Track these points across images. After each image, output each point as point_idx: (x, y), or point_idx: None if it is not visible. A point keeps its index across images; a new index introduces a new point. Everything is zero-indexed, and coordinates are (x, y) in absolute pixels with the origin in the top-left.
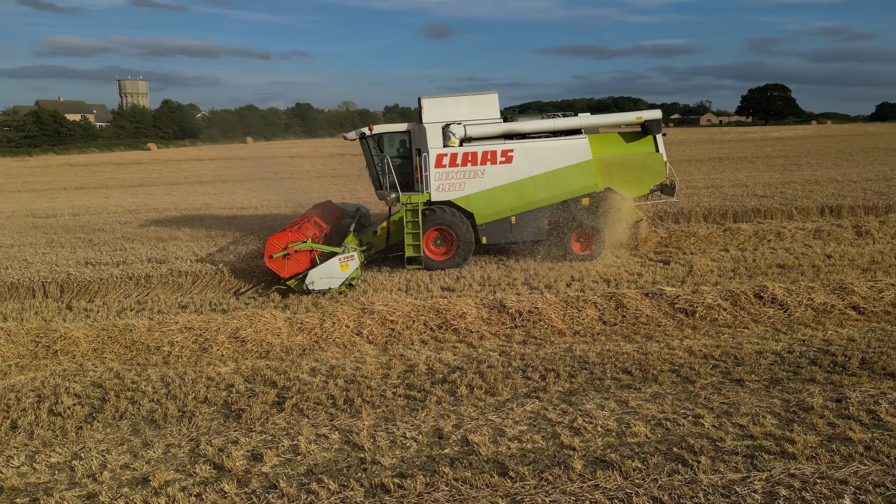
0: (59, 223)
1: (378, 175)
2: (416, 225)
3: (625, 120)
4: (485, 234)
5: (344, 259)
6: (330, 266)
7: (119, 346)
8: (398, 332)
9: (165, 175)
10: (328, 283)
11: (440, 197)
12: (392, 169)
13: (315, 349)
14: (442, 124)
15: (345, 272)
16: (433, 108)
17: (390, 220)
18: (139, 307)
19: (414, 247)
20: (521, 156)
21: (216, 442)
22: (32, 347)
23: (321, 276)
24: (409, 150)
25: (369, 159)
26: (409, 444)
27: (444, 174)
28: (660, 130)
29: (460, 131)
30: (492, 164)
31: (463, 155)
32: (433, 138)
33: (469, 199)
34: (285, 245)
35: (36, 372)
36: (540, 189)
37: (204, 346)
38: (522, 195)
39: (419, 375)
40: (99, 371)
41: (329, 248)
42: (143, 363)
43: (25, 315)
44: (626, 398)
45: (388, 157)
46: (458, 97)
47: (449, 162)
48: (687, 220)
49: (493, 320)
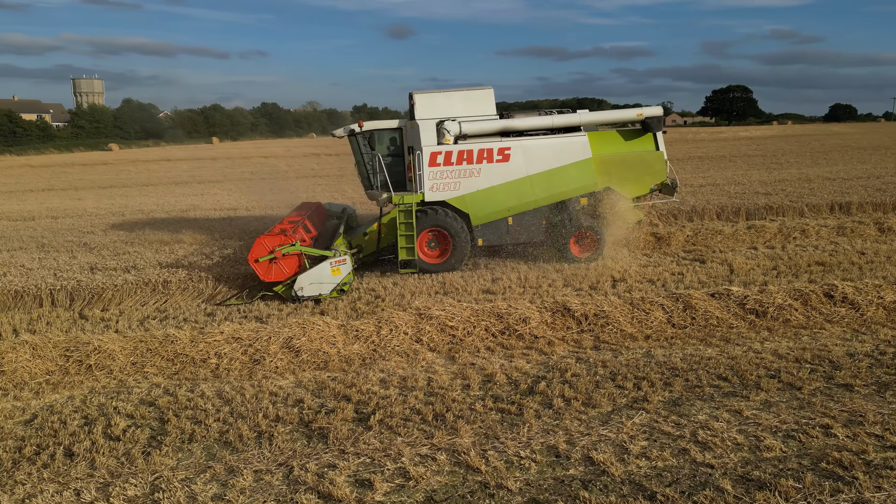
0: (41, 226)
1: (368, 174)
2: (409, 227)
3: (625, 117)
4: (481, 235)
5: (335, 263)
6: (320, 271)
7: (160, 358)
8: (459, 339)
9: (136, 176)
10: (318, 289)
11: (434, 197)
12: (384, 167)
13: (376, 358)
14: (435, 121)
15: (336, 277)
16: (426, 103)
17: (381, 222)
18: (160, 315)
19: (408, 249)
20: (519, 154)
21: (311, 467)
22: (63, 362)
23: (311, 282)
24: (401, 148)
25: (359, 157)
26: (526, 464)
27: (439, 173)
28: (661, 128)
29: (455, 128)
30: (488, 162)
31: (458, 153)
32: (426, 135)
33: (464, 199)
34: (272, 248)
35: (72, 390)
36: (538, 188)
37: (255, 357)
38: (520, 195)
39: (501, 386)
40: (144, 387)
41: (319, 251)
42: (191, 377)
43: (37, 326)
44: (738, 407)
45: (380, 155)
46: (451, 92)
47: (443, 160)
48: (700, 217)
49: (557, 324)
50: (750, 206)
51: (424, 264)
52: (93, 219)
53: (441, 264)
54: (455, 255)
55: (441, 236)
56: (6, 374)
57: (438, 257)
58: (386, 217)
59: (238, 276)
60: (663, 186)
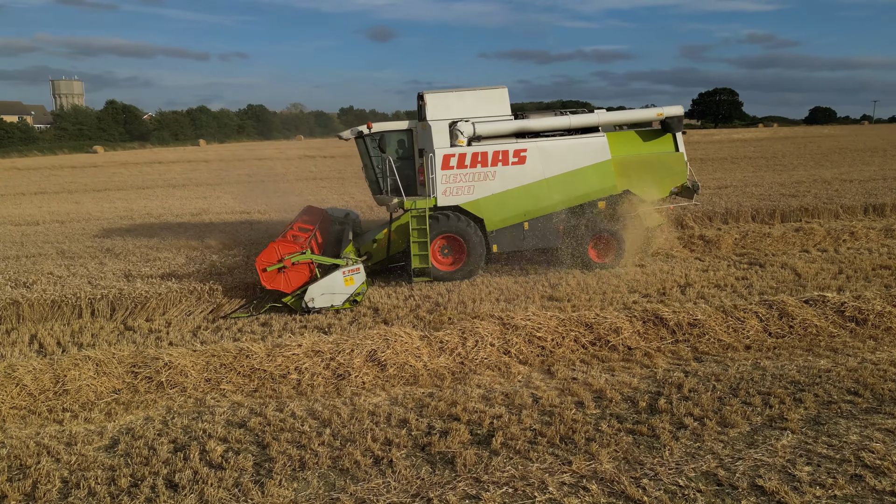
0: (51, 231)
1: (377, 178)
2: (423, 233)
3: (644, 116)
4: (495, 241)
5: (348, 272)
6: (332, 280)
7: (236, 374)
8: (549, 351)
9: (129, 179)
10: (330, 300)
11: (447, 201)
12: (395, 171)
13: (466, 373)
14: (448, 122)
15: (349, 287)
16: (437, 103)
17: (391, 228)
18: (212, 326)
19: (421, 257)
20: (535, 156)
21: (452, 499)
22: (130, 379)
23: (322, 292)
24: (411, 151)
25: (366, 161)
26: (691, 494)
27: (452, 176)
28: (681, 128)
29: (469, 129)
30: (503, 164)
31: (472, 155)
32: (439, 137)
33: (479, 203)
34: (283, 256)
35: (146, 410)
36: (555, 192)
37: (338, 372)
38: (536, 199)
39: (617, 404)
40: (225, 406)
41: (331, 259)
42: (273, 395)
43: (81, 338)
44: (889, 426)
45: (391, 158)
46: (463, 92)
47: (457, 163)
48: (735, 220)
49: (650, 335)
50: (784, 208)
51: (438, 272)
52: (101, 223)
53: (455, 272)
54: (470, 263)
55: (455, 243)
56: (70, 393)
57: (452, 265)
58: (396, 223)
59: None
60: (683, 189)
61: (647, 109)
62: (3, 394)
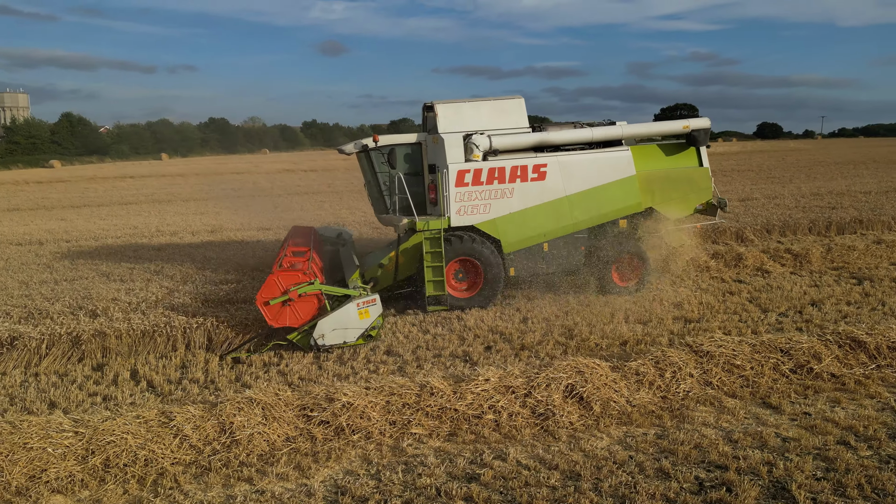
0: (62, 250)
1: (383, 196)
2: (437, 256)
3: (670, 129)
4: (513, 264)
5: (363, 304)
6: (345, 314)
7: (423, 415)
8: (752, 381)
9: (106, 194)
10: (342, 336)
11: (462, 221)
12: (405, 188)
13: (677, 408)
14: (461, 134)
15: (363, 321)
16: (450, 115)
17: (399, 250)
18: (323, 359)
19: (436, 283)
20: (556, 171)
21: None
22: (303, 424)
23: (334, 328)
24: (419, 166)
25: (370, 177)
26: None
27: (467, 194)
28: (706, 141)
29: (484, 143)
30: (522, 181)
31: (489, 171)
32: (452, 151)
33: (495, 223)
34: (287, 288)
35: (338, 461)
36: (577, 210)
37: (538, 410)
38: (557, 217)
39: (886, 443)
40: (430, 455)
41: (342, 290)
42: (476, 439)
43: (192, 373)
44: None
45: (401, 174)
46: (478, 102)
47: (472, 179)
48: (793, 232)
49: (850, 360)
50: (839, 220)
51: (453, 300)
52: (108, 241)
53: (470, 299)
54: (487, 288)
55: (470, 267)
56: (241, 444)
57: (467, 290)
58: (404, 245)
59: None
60: (708, 206)
61: (673, 122)
62: (161, 446)
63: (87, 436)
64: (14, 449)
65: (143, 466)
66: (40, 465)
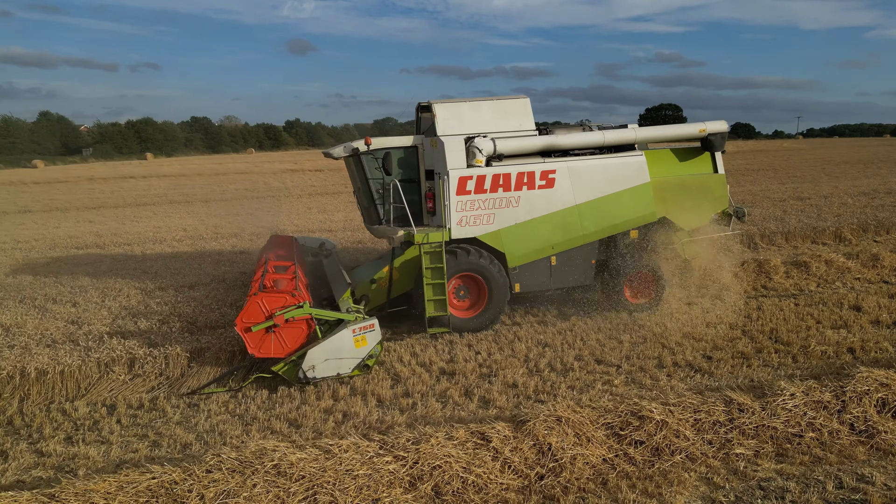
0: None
1: (375, 204)
2: (439, 272)
3: (685, 133)
4: (518, 279)
5: (360, 330)
6: (339, 341)
7: (737, 433)
8: None
9: (114, 195)
10: (336, 367)
11: (463, 233)
12: (402, 197)
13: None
14: (463, 137)
15: (360, 350)
16: (449, 116)
17: (394, 265)
18: None
19: (437, 302)
20: (565, 178)
21: None
22: (615, 444)
23: (326, 357)
24: (415, 171)
25: (360, 184)
26: None
27: (468, 203)
28: (723, 146)
29: (488, 146)
30: (528, 188)
31: (493, 177)
32: (453, 156)
33: (500, 234)
34: (272, 312)
35: (682, 486)
36: (587, 220)
37: (856, 426)
38: (566, 228)
39: None
40: (773, 477)
41: (335, 314)
42: (811, 461)
43: (309, 399)
44: None
45: (397, 180)
46: (479, 102)
47: (474, 187)
48: (886, 231)
49: None
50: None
51: (455, 320)
52: (165, 245)
53: (473, 319)
54: (492, 307)
55: (473, 283)
56: (566, 468)
57: (469, 309)
58: (399, 258)
59: None
60: (723, 215)
61: (689, 125)
62: (483, 469)
63: (409, 461)
64: (339, 477)
65: (475, 493)
66: (369, 493)
